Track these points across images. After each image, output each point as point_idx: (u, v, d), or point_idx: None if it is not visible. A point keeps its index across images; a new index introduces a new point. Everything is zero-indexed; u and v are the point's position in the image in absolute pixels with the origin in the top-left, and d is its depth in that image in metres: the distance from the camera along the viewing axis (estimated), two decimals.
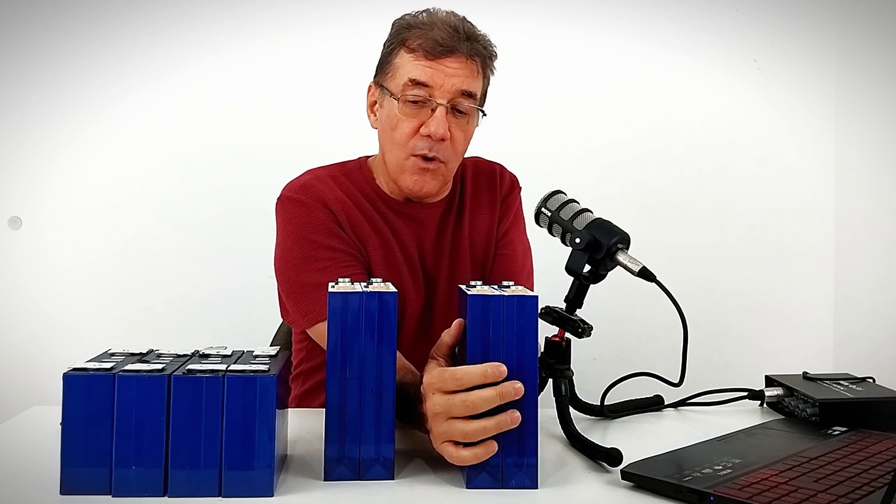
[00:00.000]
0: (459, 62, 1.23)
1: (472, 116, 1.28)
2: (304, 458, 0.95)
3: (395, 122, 1.26)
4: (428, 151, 1.24)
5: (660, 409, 1.25)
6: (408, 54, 1.25)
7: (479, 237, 1.37)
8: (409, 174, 1.27)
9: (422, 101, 1.24)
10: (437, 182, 1.28)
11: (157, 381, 0.79)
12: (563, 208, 1.15)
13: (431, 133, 1.23)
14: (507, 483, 0.85)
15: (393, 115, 1.26)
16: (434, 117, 1.23)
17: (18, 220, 1.96)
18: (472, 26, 1.28)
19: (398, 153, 1.27)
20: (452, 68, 1.23)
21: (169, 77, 1.98)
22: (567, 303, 1.11)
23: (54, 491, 0.79)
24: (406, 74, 1.24)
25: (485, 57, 1.28)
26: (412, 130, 1.25)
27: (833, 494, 0.79)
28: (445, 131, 1.23)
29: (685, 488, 0.81)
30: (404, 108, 1.24)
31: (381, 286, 0.92)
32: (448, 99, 1.23)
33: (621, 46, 2.06)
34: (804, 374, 1.25)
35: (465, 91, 1.24)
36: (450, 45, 1.22)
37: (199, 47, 1.98)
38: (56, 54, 1.95)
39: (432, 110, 1.23)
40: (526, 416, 0.85)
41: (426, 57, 1.23)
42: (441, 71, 1.23)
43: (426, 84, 1.23)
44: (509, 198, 1.42)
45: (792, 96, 2.12)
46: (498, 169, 1.44)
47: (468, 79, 1.24)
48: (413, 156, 1.25)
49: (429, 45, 1.22)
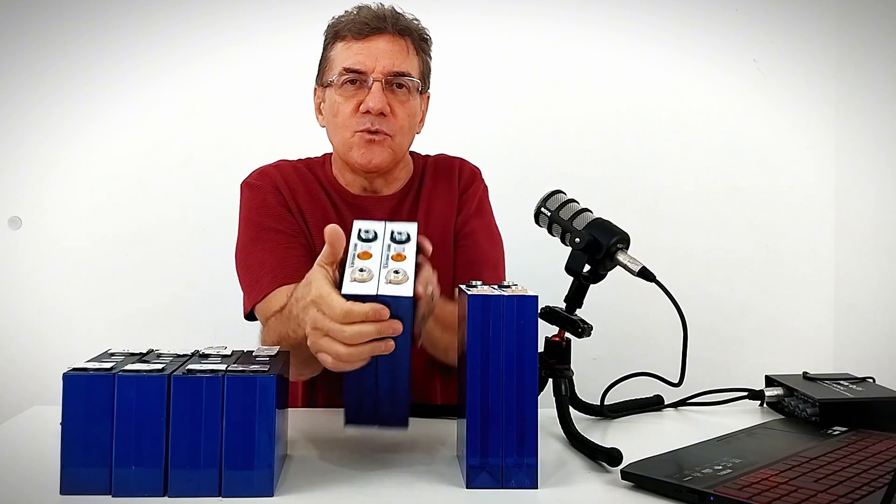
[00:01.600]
0: (388, 40, 1.29)
1: (411, 92, 1.31)
2: (304, 458, 0.96)
3: (336, 107, 1.30)
4: (370, 126, 1.27)
5: (660, 409, 1.25)
6: (340, 43, 1.31)
7: (434, 229, 1.35)
8: (355, 149, 1.30)
9: (359, 82, 1.28)
10: (386, 154, 1.30)
11: (157, 381, 0.79)
12: (563, 208, 1.15)
13: (371, 108, 1.26)
14: (507, 483, 0.85)
15: (333, 101, 1.30)
16: (371, 93, 1.27)
17: (18, 220, 1.96)
18: (400, 12, 1.33)
19: (343, 134, 1.30)
20: (381, 46, 1.28)
21: (169, 77, 1.98)
22: (567, 303, 1.12)
23: (54, 491, 0.79)
24: (340, 61, 1.30)
25: (415, 36, 1.33)
26: (352, 110, 1.29)
27: (833, 494, 0.79)
28: (384, 105, 1.27)
29: (685, 488, 0.81)
30: (342, 91, 1.29)
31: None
32: (383, 75, 1.28)
33: (621, 46, 2.06)
34: (804, 374, 1.25)
35: (399, 66, 1.29)
36: (376, 24, 1.29)
37: (199, 47, 1.97)
38: (56, 54, 1.95)
39: (369, 88, 1.27)
40: (526, 416, 0.85)
41: (356, 39, 1.29)
42: (372, 49, 1.28)
43: (359, 64, 1.28)
44: (469, 189, 1.42)
45: (792, 96, 2.12)
46: (458, 162, 1.45)
47: (400, 55, 1.29)
48: (357, 132, 1.29)
49: (356, 28, 1.29)
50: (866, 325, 2.01)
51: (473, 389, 0.85)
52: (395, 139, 1.30)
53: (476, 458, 0.85)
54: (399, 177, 1.39)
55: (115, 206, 1.97)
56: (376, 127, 1.27)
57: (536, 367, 0.86)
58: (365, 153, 1.29)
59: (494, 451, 0.85)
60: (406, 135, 1.33)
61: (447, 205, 1.39)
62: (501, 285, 0.94)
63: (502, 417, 0.85)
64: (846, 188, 2.10)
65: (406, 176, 1.40)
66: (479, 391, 0.85)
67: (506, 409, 0.85)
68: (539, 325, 0.88)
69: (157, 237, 1.97)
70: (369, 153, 1.29)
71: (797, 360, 2.01)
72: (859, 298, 2.05)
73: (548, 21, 2.03)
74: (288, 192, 1.34)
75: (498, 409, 0.85)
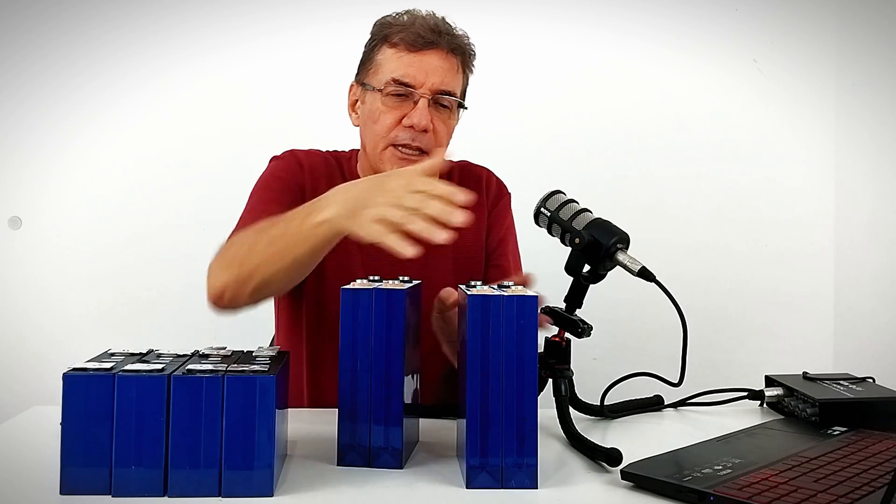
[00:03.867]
0: (440, 56, 1.27)
1: (453, 111, 1.31)
2: (304, 458, 0.96)
3: (378, 114, 1.28)
4: (411, 142, 1.27)
5: (660, 409, 1.25)
6: (390, 49, 1.28)
7: (465, 241, 1.35)
8: (388, 164, 1.28)
9: (404, 95, 1.27)
10: None
11: (156, 381, 0.79)
12: (563, 208, 1.15)
13: (414, 124, 1.25)
14: (507, 483, 0.85)
15: (375, 108, 1.29)
16: (417, 108, 1.26)
17: (18, 220, 1.96)
18: (451, 25, 1.31)
19: (377, 143, 1.29)
20: (434, 62, 1.26)
21: (169, 76, 1.98)
22: (567, 303, 1.12)
23: (54, 491, 0.79)
24: (389, 69, 1.27)
25: (464, 53, 1.31)
26: (394, 122, 1.27)
27: (833, 494, 0.79)
28: (428, 122, 1.26)
29: (685, 488, 0.81)
30: (387, 100, 1.27)
31: (391, 284, 0.95)
32: (431, 92, 1.26)
33: (620, 46, 2.06)
34: (804, 374, 1.25)
35: (447, 85, 1.27)
36: (431, 39, 1.26)
37: (199, 47, 1.97)
38: (56, 54, 1.95)
39: (415, 102, 1.26)
40: (526, 416, 0.85)
41: (408, 50, 1.27)
42: (423, 64, 1.26)
43: (409, 77, 1.26)
44: (499, 205, 1.42)
45: (792, 96, 2.12)
46: (485, 174, 1.45)
47: (449, 73, 1.28)
48: (392, 146, 1.28)
49: (410, 39, 1.26)
50: (866, 325, 2.01)
51: (473, 389, 0.85)
52: (431, 156, 1.28)
53: (476, 459, 0.85)
54: None
55: (114, 206, 1.97)
56: (416, 143, 1.26)
57: (536, 367, 0.86)
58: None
59: (494, 451, 0.85)
60: (441, 152, 1.31)
61: (476, 218, 1.38)
62: (501, 285, 0.94)
63: (502, 417, 0.85)
64: (846, 187, 2.10)
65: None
66: (479, 391, 0.85)
67: (506, 410, 0.85)
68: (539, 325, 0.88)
69: (156, 237, 1.97)
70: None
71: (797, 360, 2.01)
72: (859, 298, 2.05)
73: (547, 21, 2.03)
74: (310, 177, 1.34)
75: (498, 409, 0.85)
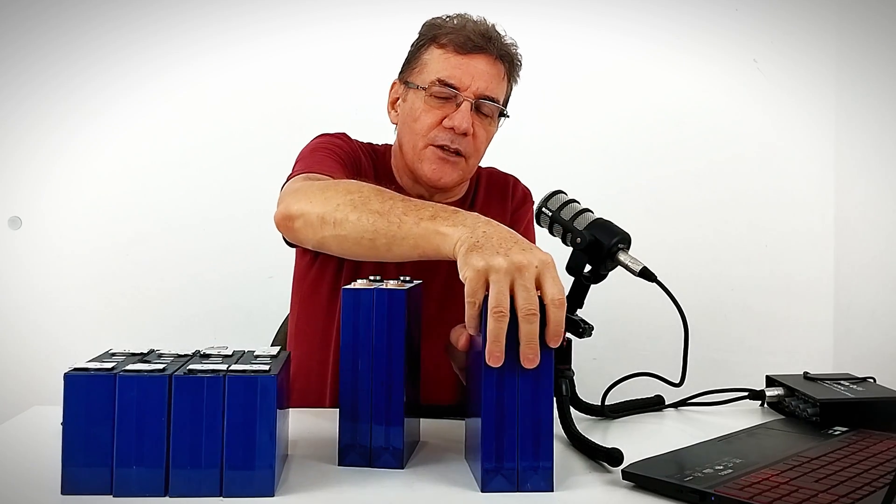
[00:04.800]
0: (488, 62, 1.27)
1: (493, 118, 1.30)
2: (305, 458, 0.95)
3: (419, 113, 1.28)
4: (450, 143, 1.26)
5: (660, 409, 1.25)
6: (438, 49, 1.28)
7: None
8: (427, 163, 1.28)
9: (448, 97, 1.26)
10: (457, 174, 1.30)
11: (157, 380, 0.79)
12: (564, 208, 1.15)
13: (455, 126, 1.25)
14: (522, 486, 0.84)
15: (417, 106, 1.28)
16: (459, 111, 1.25)
17: (18, 220, 1.96)
18: (502, 34, 1.31)
19: (417, 142, 1.29)
20: (481, 67, 1.26)
21: (169, 76, 1.98)
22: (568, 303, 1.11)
23: (55, 491, 0.79)
24: (435, 69, 1.27)
25: (512, 62, 1.31)
26: (435, 122, 1.27)
27: (834, 494, 0.79)
28: (469, 126, 1.25)
29: (686, 488, 0.81)
30: (430, 100, 1.27)
31: (392, 284, 0.95)
32: (475, 96, 1.26)
33: (620, 46, 2.06)
34: (805, 374, 1.25)
35: (492, 91, 1.27)
36: (480, 43, 1.26)
37: (199, 47, 1.97)
38: (56, 54, 1.95)
39: (457, 105, 1.25)
40: (541, 418, 0.84)
41: (457, 53, 1.26)
42: (470, 68, 1.26)
43: (455, 79, 1.25)
44: (520, 210, 1.43)
45: (792, 96, 2.12)
46: (512, 180, 1.46)
47: (495, 79, 1.27)
48: (431, 145, 1.27)
49: (460, 41, 1.26)
50: (866, 325, 2.01)
51: (489, 392, 0.84)
52: (469, 161, 1.30)
53: (491, 462, 0.84)
54: (457, 190, 1.39)
55: (115, 206, 1.97)
56: (455, 146, 1.26)
57: (552, 369, 0.84)
58: (436, 170, 1.28)
59: (510, 454, 0.84)
60: (479, 157, 1.33)
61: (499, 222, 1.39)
62: None
63: (517, 420, 0.84)
64: (846, 188, 2.10)
65: (462, 189, 1.41)
66: (494, 394, 0.84)
67: (521, 412, 0.84)
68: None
69: (157, 237, 1.97)
70: (440, 171, 1.28)
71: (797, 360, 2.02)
72: (859, 298, 2.05)
73: (546, 21, 2.03)
74: (356, 156, 1.32)
75: (513, 411, 0.84)
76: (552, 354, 0.85)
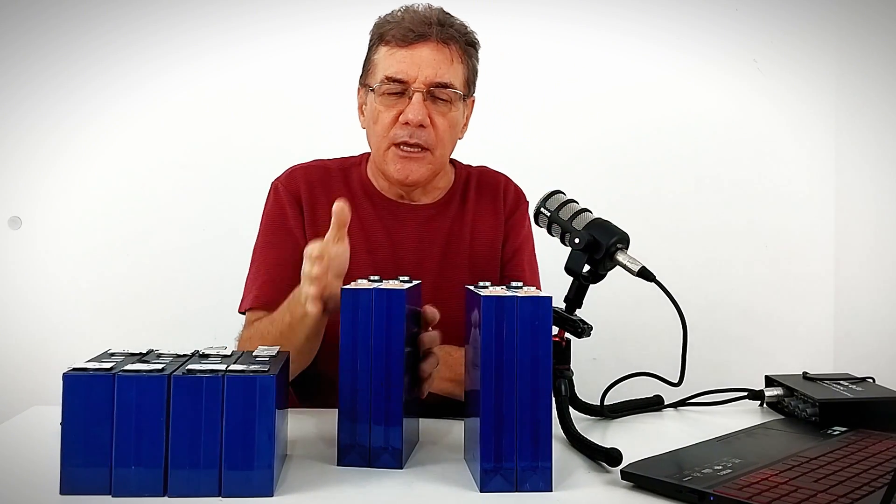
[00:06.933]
0: (433, 48, 1.26)
1: (453, 103, 1.28)
2: (304, 458, 0.95)
3: (377, 114, 1.28)
4: (409, 138, 1.26)
5: (660, 409, 1.25)
6: (384, 47, 1.28)
7: (482, 246, 1.36)
8: (391, 164, 1.28)
9: (399, 92, 1.26)
10: (424, 169, 1.28)
11: (157, 381, 0.79)
12: (563, 208, 1.15)
13: (409, 120, 1.24)
14: (521, 486, 0.84)
15: (374, 108, 1.28)
16: (411, 104, 1.25)
17: (18, 220, 1.96)
18: (448, 15, 1.30)
19: (380, 143, 1.29)
20: (425, 55, 1.25)
21: (169, 77, 1.97)
22: (567, 303, 1.12)
23: (54, 491, 0.79)
24: (382, 67, 1.27)
25: (461, 42, 1.29)
26: (392, 120, 1.26)
27: (833, 494, 0.79)
28: (424, 117, 1.24)
29: (685, 488, 0.81)
30: (384, 99, 1.27)
31: (391, 284, 0.95)
32: (425, 85, 1.25)
33: (620, 46, 2.06)
34: (804, 374, 1.25)
35: (442, 76, 1.26)
36: (421, 31, 1.25)
37: (199, 47, 1.97)
38: (55, 54, 1.94)
39: (409, 98, 1.25)
40: (540, 418, 0.84)
41: (399, 46, 1.26)
42: (415, 58, 1.25)
43: (401, 73, 1.25)
44: (516, 214, 1.40)
45: (792, 96, 2.12)
46: (503, 180, 1.43)
47: (444, 64, 1.26)
48: (394, 145, 1.27)
49: (401, 34, 1.25)
50: (866, 325, 2.01)
51: (487, 392, 0.84)
52: (435, 153, 1.28)
53: (490, 462, 0.84)
54: (438, 185, 1.37)
55: (114, 206, 1.97)
56: (415, 140, 1.25)
57: (551, 369, 0.85)
58: (401, 169, 1.27)
59: (508, 454, 0.84)
60: (447, 146, 1.31)
61: (493, 226, 1.38)
62: (510, 286, 0.93)
63: (516, 420, 0.84)
64: (846, 188, 2.10)
65: (446, 185, 1.39)
66: (493, 394, 0.84)
67: (520, 412, 0.84)
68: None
69: (156, 237, 1.97)
70: (405, 169, 1.27)
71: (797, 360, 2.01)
72: (859, 298, 2.05)
73: (546, 21, 2.03)
74: (307, 193, 1.32)
75: (512, 411, 0.84)
76: (550, 351, 0.85)
